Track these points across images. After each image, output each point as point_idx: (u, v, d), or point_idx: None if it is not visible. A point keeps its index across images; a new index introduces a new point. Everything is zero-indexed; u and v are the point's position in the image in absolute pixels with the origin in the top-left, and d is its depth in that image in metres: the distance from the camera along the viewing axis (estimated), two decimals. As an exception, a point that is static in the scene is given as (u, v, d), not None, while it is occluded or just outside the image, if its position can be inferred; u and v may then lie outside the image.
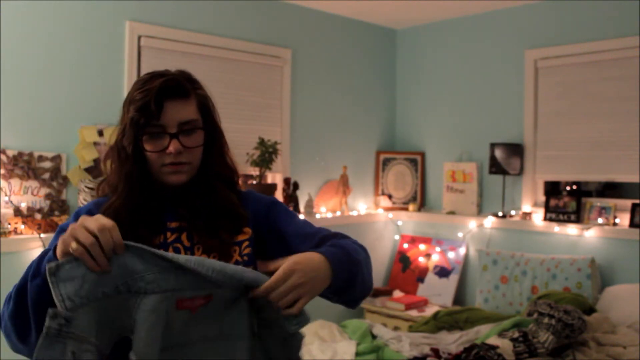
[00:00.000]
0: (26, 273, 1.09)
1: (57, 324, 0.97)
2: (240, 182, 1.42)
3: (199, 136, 1.29)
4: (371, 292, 1.31)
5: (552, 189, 4.14)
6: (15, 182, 2.97)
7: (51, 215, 3.04)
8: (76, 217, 1.26)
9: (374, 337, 3.26)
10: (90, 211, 1.26)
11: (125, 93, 3.30)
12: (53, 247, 1.06)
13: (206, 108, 1.33)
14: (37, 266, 1.07)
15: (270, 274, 1.09)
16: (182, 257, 1.05)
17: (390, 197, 4.72)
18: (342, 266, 1.18)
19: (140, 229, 1.22)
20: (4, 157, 2.93)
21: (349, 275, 1.20)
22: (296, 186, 3.99)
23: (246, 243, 1.31)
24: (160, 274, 1.03)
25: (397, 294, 4.39)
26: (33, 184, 3.01)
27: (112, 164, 1.31)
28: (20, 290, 1.08)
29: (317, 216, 4.13)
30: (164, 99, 1.24)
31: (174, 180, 1.28)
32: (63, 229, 1.14)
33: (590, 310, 3.25)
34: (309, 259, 1.13)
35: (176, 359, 1.06)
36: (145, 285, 1.02)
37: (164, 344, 1.03)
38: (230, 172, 1.39)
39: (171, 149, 1.24)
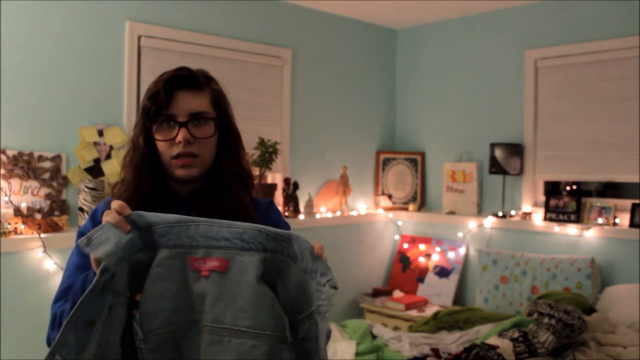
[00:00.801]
0: (72, 299, 1.06)
1: (104, 279, 0.94)
2: (254, 188, 1.37)
3: (210, 128, 1.26)
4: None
5: (552, 189, 4.14)
6: (15, 182, 2.97)
7: (51, 215, 3.04)
8: (92, 218, 1.26)
9: (374, 337, 3.26)
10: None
11: (125, 93, 3.33)
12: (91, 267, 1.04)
13: (220, 104, 1.31)
14: (81, 290, 1.04)
15: None
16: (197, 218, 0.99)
17: (390, 197, 4.72)
18: None
19: None
20: (4, 157, 2.93)
21: None
22: (296, 186, 3.99)
23: None
24: (171, 227, 0.97)
25: (397, 294, 4.39)
26: (33, 184, 3.01)
27: (127, 159, 1.30)
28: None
29: (317, 216, 4.14)
30: (175, 89, 1.23)
31: (183, 174, 1.24)
32: (82, 233, 1.13)
33: (590, 310, 3.25)
34: None
35: (183, 329, 0.95)
36: (157, 239, 0.97)
37: (178, 305, 0.95)
38: (245, 174, 1.34)
39: (179, 137, 1.22)
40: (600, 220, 3.66)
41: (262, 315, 0.90)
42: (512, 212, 4.09)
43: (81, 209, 3.06)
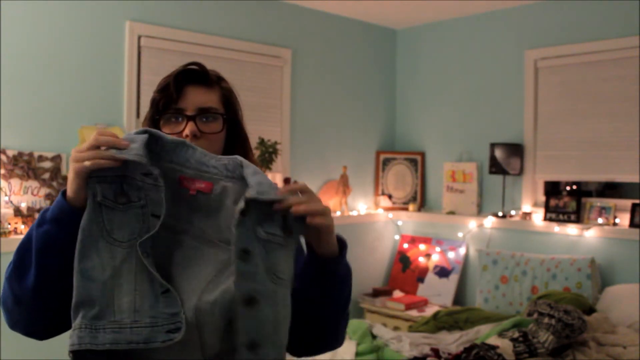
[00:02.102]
0: (30, 229, 1.08)
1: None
2: None
3: (218, 125, 1.25)
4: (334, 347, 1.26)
5: (552, 189, 4.14)
6: (15, 182, 2.97)
7: (51, 215, 3.04)
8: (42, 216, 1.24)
9: (374, 337, 3.26)
10: None
11: (125, 93, 3.33)
12: (62, 191, 1.05)
13: (229, 103, 1.30)
14: (42, 216, 1.06)
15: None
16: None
17: (390, 197, 4.72)
18: (344, 269, 1.16)
19: None
20: (4, 157, 2.93)
21: (342, 281, 1.16)
22: (296, 186, 3.99)
23: None
24: (176, 145, 1.05)
25: (397, 294, 4.39)
26: (33, 184, 3.02)
27: None
28: (24, 243, 1.07)
29: (317, 216, 4.13)
30: (185, 83, 1.23)
31: None
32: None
33: (590, 310, 3.25)
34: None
35: (169, 242, 1.03)
36: (161, 151, 1.04)
37: (166, 217, 1.02)
38: None
39: (186, 131, 1.20)
40: (600, 220, 3.66)
41: (227, 232, 1.02)
42: (512, 212, 4.09)
43: (81, 209, 3.06)
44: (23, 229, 2.94)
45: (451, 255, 4.34)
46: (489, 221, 4.13)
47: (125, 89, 3.34)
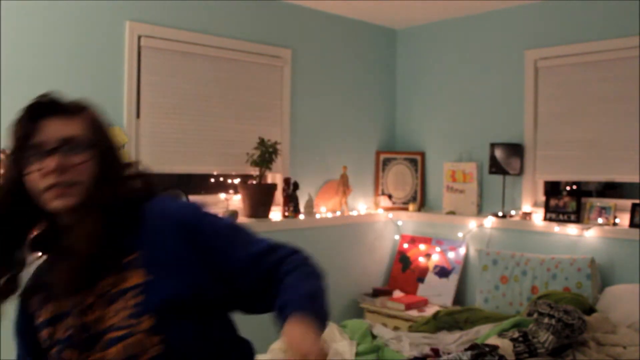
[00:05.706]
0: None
1: None
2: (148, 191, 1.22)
3: (86, 155, 1.12)
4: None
5: (552, 189, 4.14)
6: (15, 182, 2.96)
7: (51, 215, 3.04)
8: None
9: (374, 337, 3.26)
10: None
11: (125, 93, 3.33)
12: None
13: (99, 130, 1.18)
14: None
15: None
16: None
17: (390, 197, 4.72)
18: (322, 312, 1.10)
19: None
20: (4, 157, 2.93)
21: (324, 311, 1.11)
22: (296, 186, 3.99)
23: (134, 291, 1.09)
24: None
25: (397, 294, 4.39)
26: (33, 184, 3.01)
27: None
28: None
29: (317, 216, 4.14)
30: (40, 117, 1.13)
31: (59, 205, 1.09)
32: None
33: (590, 310, 3.25)
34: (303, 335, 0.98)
35: None
36: None
37: None
38: (127, 190, 1.18)
39: (52, 165, 1.07)
40: (600, 220, 3.66)
41: None
42: (512, 212, 4.09)
43: (81, 209, 3.05)
44: (23, 229, 2.94)
45: (451, 255, 4.34)
46: (489, 221, 4.13)
47: (125, 89, 3.34)
